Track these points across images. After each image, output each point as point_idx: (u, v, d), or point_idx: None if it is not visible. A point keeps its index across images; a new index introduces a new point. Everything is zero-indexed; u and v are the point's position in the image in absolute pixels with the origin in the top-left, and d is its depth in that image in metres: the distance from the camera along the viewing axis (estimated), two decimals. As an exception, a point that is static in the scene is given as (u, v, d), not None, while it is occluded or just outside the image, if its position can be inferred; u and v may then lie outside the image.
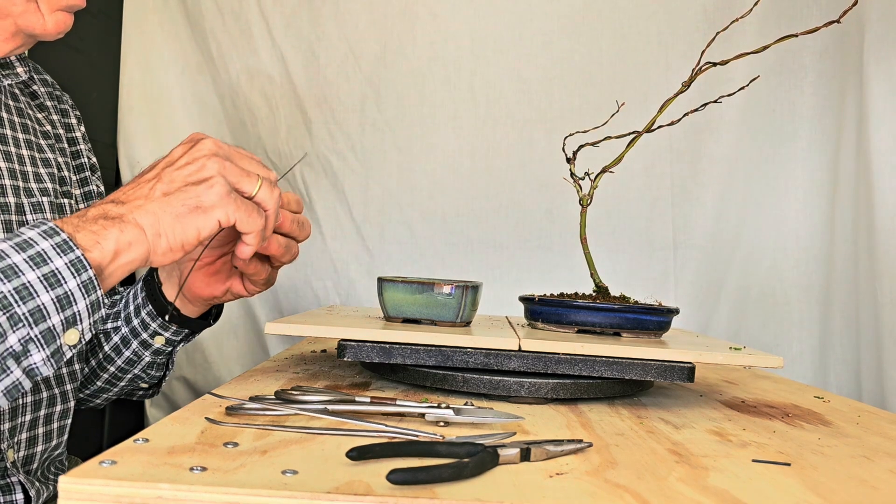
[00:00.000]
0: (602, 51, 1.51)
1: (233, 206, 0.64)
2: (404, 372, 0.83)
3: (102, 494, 0.46)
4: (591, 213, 0.95)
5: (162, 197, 0.63)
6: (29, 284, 0.57)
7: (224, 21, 1.54)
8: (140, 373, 0.96)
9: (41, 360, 0.59)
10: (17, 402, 0.81)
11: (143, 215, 0.62)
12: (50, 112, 0.95)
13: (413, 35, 1.53)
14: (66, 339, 0.60)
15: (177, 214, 0.63)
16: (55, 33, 0.81)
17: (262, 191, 0.67)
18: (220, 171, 0.64)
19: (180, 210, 0.63)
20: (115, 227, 0.61)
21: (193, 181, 0.63)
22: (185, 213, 0.63)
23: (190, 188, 0.63)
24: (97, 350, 0.95)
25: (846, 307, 1.41)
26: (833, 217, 1.44)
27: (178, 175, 0.64)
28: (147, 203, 0.63)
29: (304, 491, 0.46)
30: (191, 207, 0.63)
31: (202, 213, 0.63)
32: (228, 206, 0.64)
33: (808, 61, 1.44)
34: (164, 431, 0.58)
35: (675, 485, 0.53)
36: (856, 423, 0.80)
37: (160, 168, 0.65)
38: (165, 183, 0.63)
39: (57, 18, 0.80)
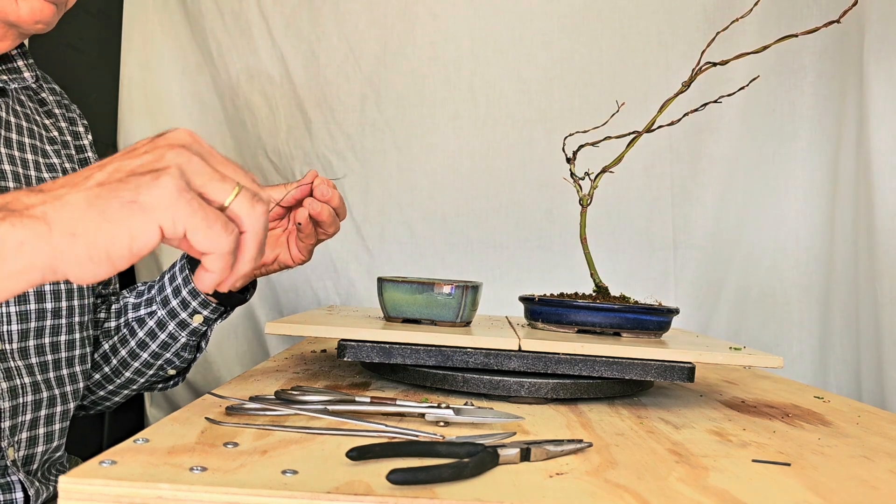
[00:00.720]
0: (602, 51, 1.51)
1: (185, 209, 0.46)
2: (404, 372, 0.83)
3: (102, 494, 0.46)
4: (591, 213, 0.95)
5: (95, 187, 0.46)
6: None
7: (224, 21, 1.54)
8: (172, 356, 0.95)
9: None
10: (18, 401, 0.81)
11: (59, 209, 0.45)
12: (58, 119, 0.95)
13: (413, 35, 1.53)
14: None
15: (104, 211, 0.45)
16: (31, 22, 0.78)
17: (238, 201, 0.48)
18: (178, 163, 0.47)
19: (111, 205, 0.45)
20: (9, 221, 0.45)
21: (140, 171, 0.46)
22: (116, 209, 0.45)
23: (132, 179, 0.46)
24: (128, 339, 0.94)
25: (846, 307, 1.41)
26: (833, 217, 1.44)
27: (126, 164, 0.47)
28: (71, 193, 0.46)
29: (304, 491, 0.46)
30: (126, 205, 0.45)
31: (138, 213, 0.45)
32: (178, 209, 0.45)
33: (808, 61, 1.44)
34: (165, 431, 0.58)
35: (675, 485, 0.53)
36: (856, 423, 0.80)
37: (111, 158, 0.49)
38: (107, 172, 0.47)
39: (32, 6, 0.77)
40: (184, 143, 0.48)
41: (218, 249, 0.47)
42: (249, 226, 0.49)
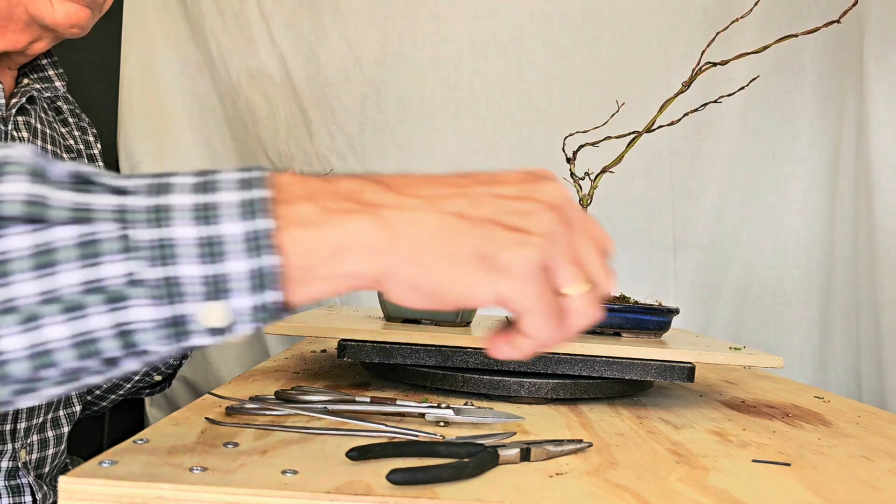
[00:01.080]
0: (602, 51, 1.51)
1: (533, 290, 0.41)
2: (404, 372, 0.83)
3: (103, 494, 0.46)
4: (591, 212, 0.95)
5: (452, 216, 0.41)
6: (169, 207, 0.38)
7: (224, 21, 1.54)
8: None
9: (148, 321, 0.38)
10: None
11: (410, 224, 0.40)
12: (72, 128, 0.95)
13: (413, 35, 1.53)
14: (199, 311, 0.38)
15: (454, 254, 0.40)
16: (66, 25, 0.78)
17: (581, 298, 0.43)
18: (547, 233, 0.41)
19: (463, 250, 0.40)
20: (359, 217, 0.40)
21: (506, 223, 0.41)
22: (466, 257, 0.40)
23: (495, 228, 0.41)
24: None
25: (846, 307, 1.41)
26: (833, 217, 1.44)
27: (492, 202, 0.42)
28: (424, 212, 0.41)
29: (305, 491, 0.46)
30: (478, 257, 0.40)
31: (487, 271, 0.40)
32: (528, 287, 0.41)
33: (808, 61, 1.44)
34: (165, 431, 0.58)
35: (675, 485, 0.52)
36: (856, 424, 0.80)
37: (473, 178, 0.43)
38: (469, 200, 0.41)
39: (67, 9, 0.77)
40: (558, 205, 0.43)
41: (539, 338, 0.43)
42: (576, 325, 0.44)
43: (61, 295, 0.36)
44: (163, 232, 0.37)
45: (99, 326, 0.37)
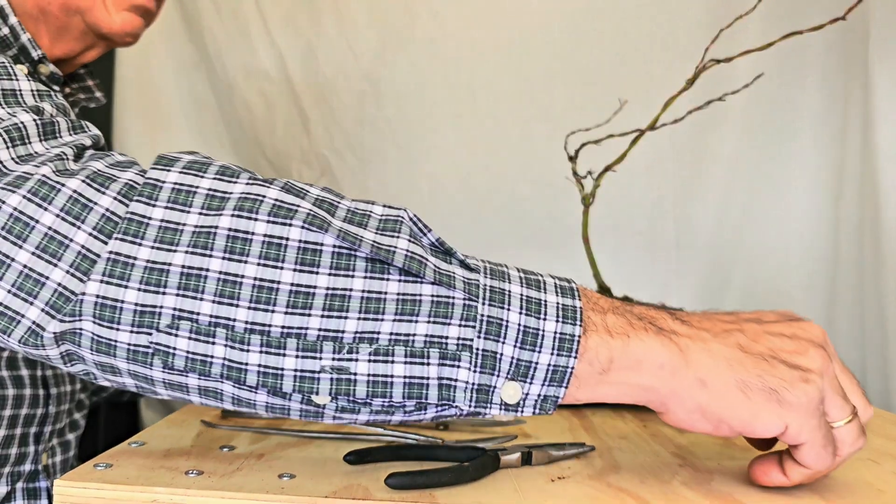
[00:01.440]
0: (604, 48, 1.50)
1: (814, 423, 0.46)
2: (404, 373, 0.82)
3: (98, 498, 0.46)
4: (593, 212, 0.95)
5: (736, 348, 0.46)
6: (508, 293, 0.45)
7: (220, 18, 1.53)
8: None
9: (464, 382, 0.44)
10: (61, 408, 0.81)
11: (700, 351, 0.45)
12: None
13: (413, 32, 1.53)
14: (500, 385, 0.44)
15: (744, 382, 0.45)
16: (122, 33, 0.79)
17: (848, 428, 0.48)
18: (820, 371, 0.46)
19: (752, 381, 0.45)
20: (658, 338, 0.45)
21: (787, 361, 0.46)
22: (755, 388, 0.45)
23: (779, 366, 0.46)
24: None
25: (851, 308, 1.40)
26: (838, 216, 1.43)
27: (767, 339, 0.47)
28: (713, 342, 0.46)
29: (302, 495, 0.46)
30: (766, 390, 0.45)
31: (774, 405, 0.45)
32: (810, 421, 0.45)
33: (812, 59, 1.43)
34: (160, 434, 0.58)
35: (679, 488, 0.52)
36: (861, 426, 0.79)
37: (740, 318, 0.49)
38: (746, 336, 0.47)
39: (123, 18, 0.78)
40: (822, 345, 0.48)
41: (815, 468, 0.48)
42: (845, 454, 0.49)
43: (413, 340, 0.43)
44: (500, 313, 0.44)
45: (431, 375, 0.43)
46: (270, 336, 0.42)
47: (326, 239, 0.43)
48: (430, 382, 0.43)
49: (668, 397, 0.46)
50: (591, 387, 0.45)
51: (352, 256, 0.43)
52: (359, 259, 0.43)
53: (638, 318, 0.46)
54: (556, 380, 0.44)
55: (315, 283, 0.42)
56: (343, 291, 0.43)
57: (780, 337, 0.47)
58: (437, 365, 0.43)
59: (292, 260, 0.43)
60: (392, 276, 0.43)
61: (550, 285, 0.46)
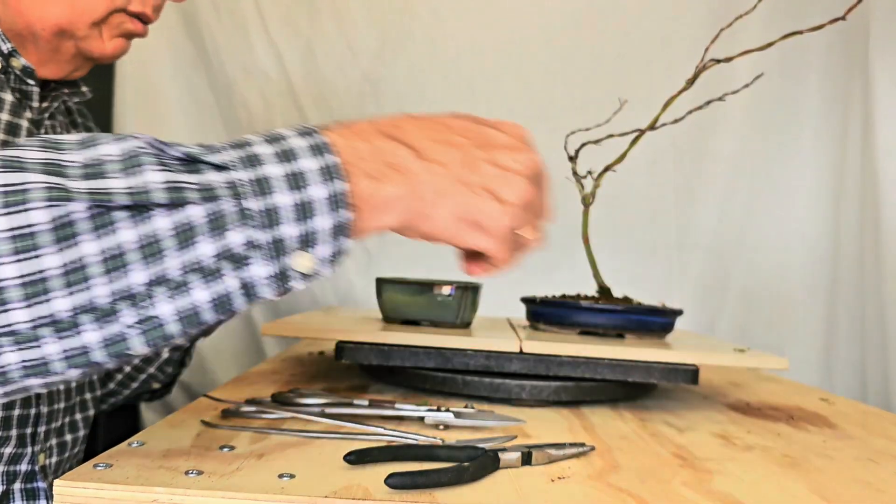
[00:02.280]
0: (604, 47, 1.50)
1: (505, 245, 0.54)
2: (403, 374, 0.82)
3: (98, 498, 0.46)
4: (593, 212, 0.94)
5: (457, 181, 0.52)
6: (268, 178, 0.46)
7: (220, 17, 1.53)
8: (156, 371, 0.94)
9: (264, 277, 0.46)
10: (54, 407, 0.81)
11: (431, 189, 0.51)
12: (80, 129, 0.95)
13: (412, 31, 1.52)
14: (295, 263, 0.47)
15: (457, 213, 0.52)
16: (111, 57, 0.80)
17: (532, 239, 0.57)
18: (523, 202, 0.53)
19: (463, 212, 0.52)
20: (398, 181, 0.50)
21: (495, 192, 0.52)
22: (464, 217, 0.52)
23: (486, 197, 0.52)
24: None
25: (852, 309, 1.40)
26: (838, 217, 1.43)
27: (485, 170, 0.53)
28: (442, 179, 0.52)
29: (302, 495, 0.46)
30: (473, 219, 0.52)
31: (477, 232, 0.53)
32: (501, 244, 0.54)
33: (812, 59, 1.43)
34: (160, 435, 0.57)
35: (679, 489, 0.52)
36: (861, 426, 0.79)
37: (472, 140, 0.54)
38: (468, 168, 0.53)
39: (115, 44, 0.80)
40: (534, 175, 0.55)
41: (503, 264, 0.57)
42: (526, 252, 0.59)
43: (202, 263, 0.44)
44: (268, 201, 0.45)
45: (233, 287, 0.45)
46: (60, 322, 0.42)
47: (74, 207, 0.42)
48: (232, 293, 0.45)
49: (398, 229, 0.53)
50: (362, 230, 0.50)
51: (108, 212, 0.43)
52: (116, 212, 0.43)
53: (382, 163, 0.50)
54: (338, 205, 0.47)
55: (83, 253, 0.42)
56: (116, 249, 0.43)
57: (493, 165, 0.53)
58: (233, 276, 0.45)
59: (49, 242, 0.42)
60: (157, 213, 0.43)
61: (303, 150, 0.48)
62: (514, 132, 0.56)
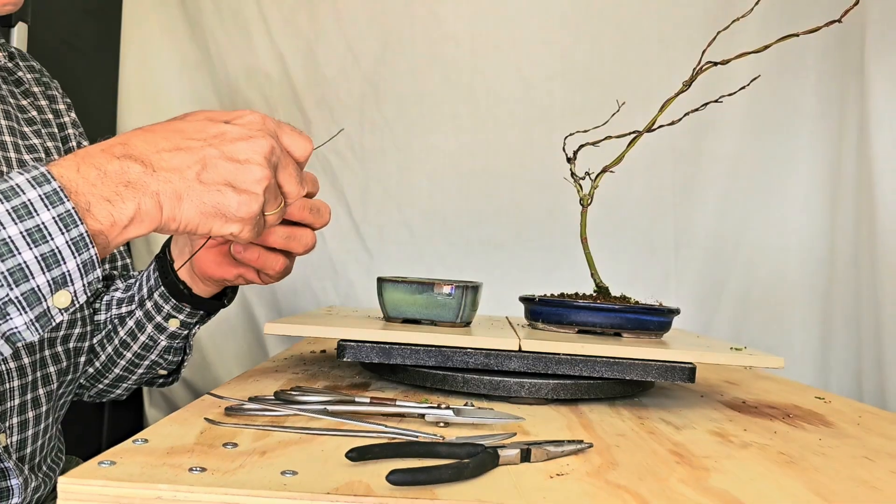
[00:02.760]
0: (603, 49, 1.51)
1: (251, 227, 0.60)
2: (404, 372, 0.83)
3: (101, 495, 0.46)
4: (591, 212, 0.95)
5: (195, 182, 0.57)
6: (9, 240, 0.52)
7: (222, 20, 1.54)
8: (157, 358, 0.93)
9: (23, 325, 0.53)
10: (5, 387, 0.80)
11: (169, 196, 0.57)
12: (37, 98, 0.93)
13: (413, 33, 1.53)
14: (56, 302, 0.54)
15: (201, 209, 0.58)
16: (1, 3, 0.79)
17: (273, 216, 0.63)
18: (263, 187, 0.59)
19: (206, 208, 0.58)
20: (135, 197, 0.55)
21: (234, 184, 0.58)
22: (208, 212, 0.58)
23: (227, 191, 0.58)
24: (112, 336, 0.93)
25: (847, 308, 1.40)
26: (834, 218, 1.44)
27: (222, 167, 0.58)
28: (178, 183, 0.57)
29: (304, 492, 0.46)
30: (217, 212, 0.58)
31: (223, 221, 0.59)
32: (248, 227, 0.60)
33: (809, 61, 1.44)
34: (163, 432, 0.58)
35: (676, 486, 0.52)
36: (857, 424, 0.79)
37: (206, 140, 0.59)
38: (208, 169, 0.58)
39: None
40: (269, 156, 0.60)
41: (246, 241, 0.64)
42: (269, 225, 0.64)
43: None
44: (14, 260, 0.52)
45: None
46: None
47: None
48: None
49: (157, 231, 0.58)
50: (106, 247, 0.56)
51: None
52: None
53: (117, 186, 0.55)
54: (79, 247, 0.53)
55: None
56: None
57: (230, 161, 0.58)
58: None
59: None
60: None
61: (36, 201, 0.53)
62: (247, 121, 0.60)
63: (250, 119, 0.61)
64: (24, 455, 0.83)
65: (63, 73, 1.00)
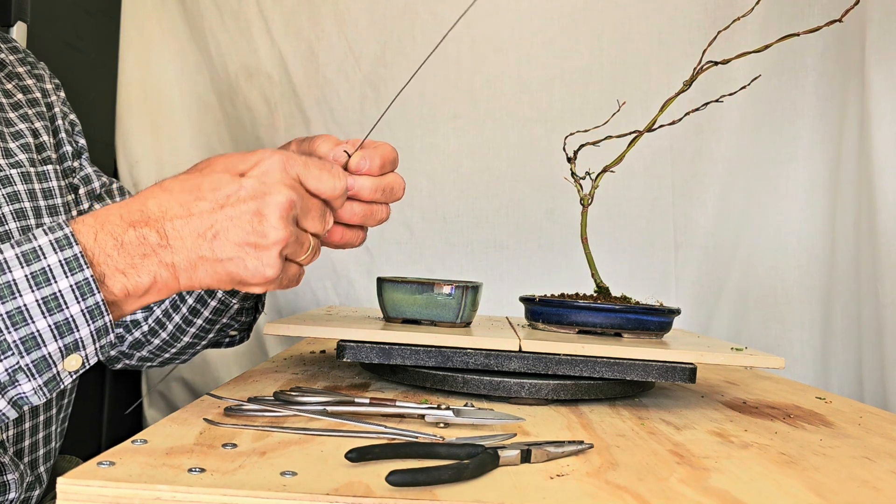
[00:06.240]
0: (603, 49, 1.51)
1: (276, 284, 0.60)
2: (404, 373, 0.82)
3: (101, 496, 0.46)
4: (591, 212, 0.95)
5: (209, 252, 0.56)
6: (25, 308, 0.52)
7: (223, 20, 1.54)
8: (229, 321, 0.91)
9: (31, 390, 0.54)
10: None
11: (185, 267, 0.57)
12: (22, 77, 0.91)
13: (413, 34, 1.53)
14: (67, 366, 0.54)
15: (217, 278, 0.57)
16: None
17: (308, 258, 0.62)
18: (278, 250, 0.57)
19: (221, 276, 0.57)
20: (151, 271, 0.56)
21: (247, 249, 0.56)
22: (224, 279, 0.58)
23: (240, 258, 0.57)
24: (179, 305, 0.89)
25: (848, 307, 1.40)
26: (834, 217, 1.43)
27: (234, 233, 0.56)
28: (193, 253, 0.56)
29: (304, 492, 0.46)
30: (232, 279, 0.58)
31: (242, 285, 0.59)
32: (271, 285, 0.59)
33: (809, 60, 1.44)
34: (163, 432, 0.58)
35: (677, 486, 0.52)
36: (857, 424, 0.79)
37: (219, 202, 0.56)
38: (220, 237, 0.56)
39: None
40: (286, 215, 0.58)
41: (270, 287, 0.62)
42: (304, 266, 0.64)
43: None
44: (27, 328, 0.53)
45: (1, 406, 0.54)
46: None
47: None
48: (4, 411, 0.54)
49: (179, 288, 0.58)
50: (122, 311, 0.57)
51: None
52: None
53: (135, 255, 0.55)
54: (94, 315, 0.54)
55: None
56: None
57: (246, 220, 0.56)
58: (1, 398, 0.53)
59: None
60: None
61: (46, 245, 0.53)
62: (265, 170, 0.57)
63: (268, 167, 0.58)
64: (21, 449, 0.83)
65: (63, 73, 1.00)
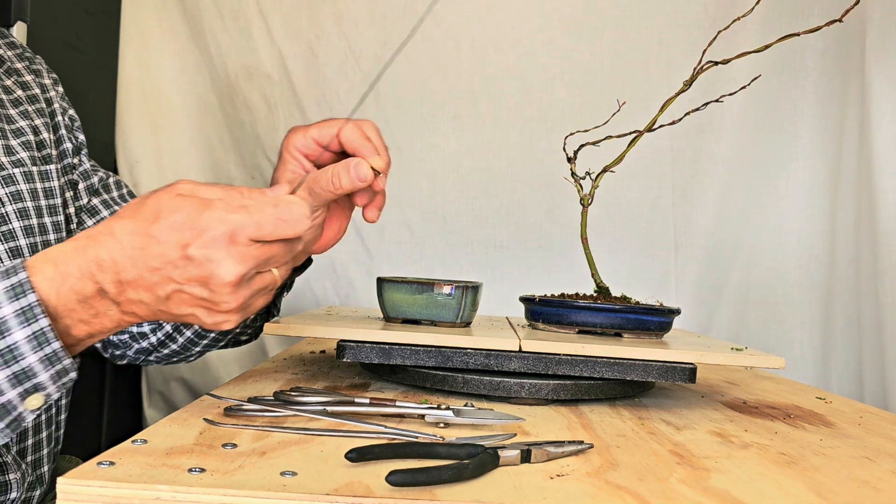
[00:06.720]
0: (603, 49, 1.51)
1: (233, 322, 0.59)
2: (404, 373, 0.82)
3: (101, 496, 0.46)
4: (591, 212, 0.95)
5: (166, 305, 0.57)
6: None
7: (223, 20, 1.53)
8: (241, 329, 0.90)
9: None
10: None
11: (146, 314, 0.59)
12: (21, 73, 0.91)
13: (412, 33, 1.53)
14: (28, 406, 0.55)
15: (177, 320, 0.60)
16: None
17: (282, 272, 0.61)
18: (239, 301, 0.58)
19: (182, 320, 0.59)
20: (116, 314, 0.58)
21: (205, 307, 0.57)
22: (181, 316, 0.59)
23: (196, 314, 0.58)
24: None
25: (848, 308, 1.40)
26: (835, 217, 1.43)
27: (188, 298, 0.57)
28: (153, 305, 0.58)
29: (304, 492, 0.46)
30: (195, 322, 0.59)
31: (196, 322, 0.60)
32: (229, 325, 0.59)
33: (809, 60, 1.44)
34: (163, 432, 0.58)
35: (677, 486, 0.52)
36: (858, 424, 0.79)
37: (166, 275, 0.56)
38: (173, 299, 0.57)
39: None
40: (237, 281, 0.57)
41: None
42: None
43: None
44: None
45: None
46: None
47: None
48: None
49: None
50: (82, 347, 0.59)
51: None
52: None
53: (94, 305, 0.57)
54: (52, 361, 0.55)
55: None
56: None
57: (196, 291, 0.56)
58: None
59: None
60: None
61: (11, 318, 0.53)
62: (208, 242, 0.55)
63: (212, 237, 0.55)
64: (24, 448, 0.83)
65: (63, 73, 1.00)
